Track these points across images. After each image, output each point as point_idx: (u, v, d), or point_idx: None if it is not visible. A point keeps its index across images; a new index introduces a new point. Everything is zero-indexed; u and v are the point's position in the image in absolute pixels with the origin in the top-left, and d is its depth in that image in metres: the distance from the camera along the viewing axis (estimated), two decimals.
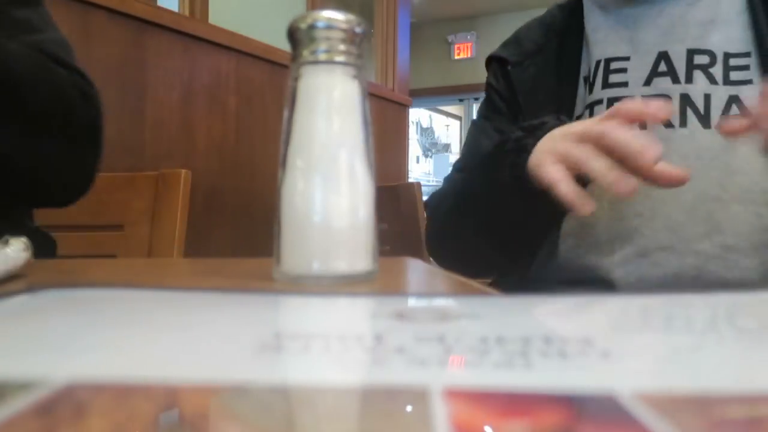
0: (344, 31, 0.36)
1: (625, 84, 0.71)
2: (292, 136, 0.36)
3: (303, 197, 0.35)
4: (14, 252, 0.35)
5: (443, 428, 0.11)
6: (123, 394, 0.13)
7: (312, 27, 0.35)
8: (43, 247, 0.63)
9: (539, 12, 0.87)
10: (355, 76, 0.37)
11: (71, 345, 0.18)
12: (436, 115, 7.63)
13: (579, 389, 0.14)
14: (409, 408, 0.13)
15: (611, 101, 0.70)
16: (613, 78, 0.72)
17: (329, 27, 0.35)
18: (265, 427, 0.12)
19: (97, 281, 0.35)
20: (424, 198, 1.92)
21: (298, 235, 0.35)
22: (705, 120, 0.65)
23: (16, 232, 0.37)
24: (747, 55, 0.67)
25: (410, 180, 2.52)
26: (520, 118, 0.75)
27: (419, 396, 0.13)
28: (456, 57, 6.50)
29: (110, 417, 0.12)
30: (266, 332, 0.19)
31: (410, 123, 3.25)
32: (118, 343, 0.18)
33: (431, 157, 7.67)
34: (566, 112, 0.72)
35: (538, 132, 0.61)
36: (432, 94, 6.40)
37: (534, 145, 0.59)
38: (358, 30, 0.36)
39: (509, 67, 0.78)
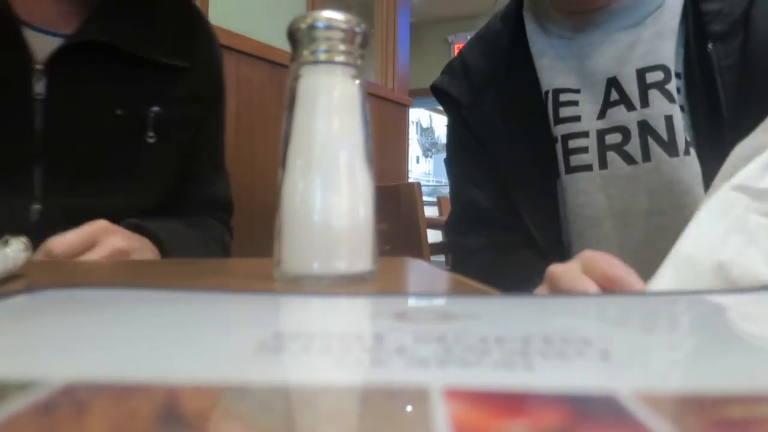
0: (344, 31, 0.36)
1: (577, 118, 0.64)
2: (292, 136, 0.36)
3: (303, 197, 0.35)
4: (14, 252, 0.35)
5: (443, 428, 0.11)
6: (123, 394, 0.13)
7: (312, 27, 0.35)
8: None
9: None
10: (355, 76, 0.37)
11: (71, 345, 0.18)
12: (436, 115, 7.63)
13: (579, 389, 0.14)
14: (409, 408, 0.13)
15: (565, 139, 0.64)
16: (565, 112, 0.65)
17: (329, 27, 0.35)
18: (265, 427, 0.12)
19: (97, 281, 0.35)
20: (424, 198, 1.92)
21: (298, 235, 0.35)
22: (670, 147, 0.59)
23: None
24: (679, 76, 0.61)
25: (410, 180, 2.52)
26: (498, 159, 0.69)
27: (419, 396, 0.13)
28: None
29: (110, 417, 0.12)
30: (266, 332, 0.19)
31: (410, 123, 3.25)
32: (118, 343, 0.18)
33: (431, 157, 7.67)
34: (539, 137, 0.66)
35: None
36: (432, 94, 6.39)
37: None
38: (358, 30, 0.36)
39: (464, 112, 0.72)
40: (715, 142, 0.57)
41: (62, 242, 0.50)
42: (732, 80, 0.58)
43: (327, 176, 0.36)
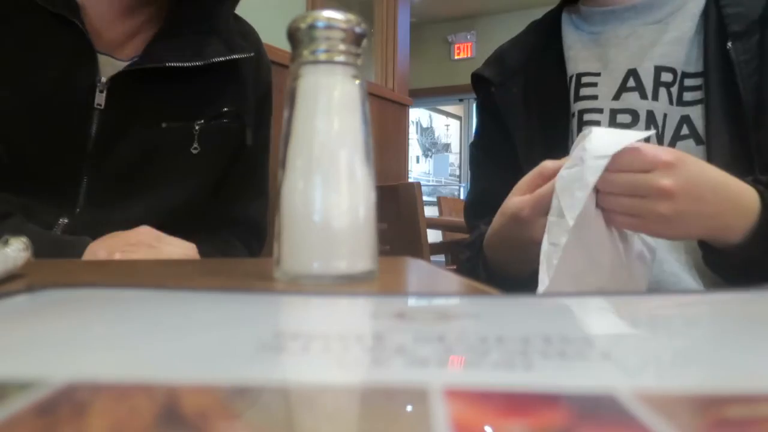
0: (344, 31, 0.36)
1: (594, 97, 0.72)
2: (292, 136, 0.36)
3: (303, 197, 0.35)
4: (14, 252, 0.35)
5: (443, 428, 0.11)
6: (123, 394, 0.13)
7: (312, 27, 0.35)
8: None
9: (539, 12, 0.87)
10: (355, 76, 0.37)
11: (71, 345, 0.18)
12: (436, 115, 7.63)
13: (579, 389, 0.14)
14: (409, 408, 0.13)
15: (581, 113, 0.73)
16: (584, 91, 0.73)
17: (329, 27, 0.35)
18: (265, 427, 0.12)
19: (97, 281, 0.35)
20: (424, 198, 1.91)
21: (298, 235, 0.35)
22: (660, 139, 0.68)
23: None
24: (701, 75, 0.69)
25: (410, 180, 2.52)
26: (515, 138, 0.77)
27: (419, 396, 0.13)
28: (456, 57, 6.50)
29: (110, 417, 0.12)
30: (266, 332, 0.19)
31: (410, 123, 3.25)
32: (118, 343, 0.18)
33: (431, 157, 7.67)
34: (559, 128, 0.74)
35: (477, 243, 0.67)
36: (432, 94, 6.40)
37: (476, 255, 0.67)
38: (358, 30, 0.36)
39: (493, 89, 0.80)
40: (733, 133, 0.64)
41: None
42: (749, 72, 0.65)
43: (327, 176, 0.36)
